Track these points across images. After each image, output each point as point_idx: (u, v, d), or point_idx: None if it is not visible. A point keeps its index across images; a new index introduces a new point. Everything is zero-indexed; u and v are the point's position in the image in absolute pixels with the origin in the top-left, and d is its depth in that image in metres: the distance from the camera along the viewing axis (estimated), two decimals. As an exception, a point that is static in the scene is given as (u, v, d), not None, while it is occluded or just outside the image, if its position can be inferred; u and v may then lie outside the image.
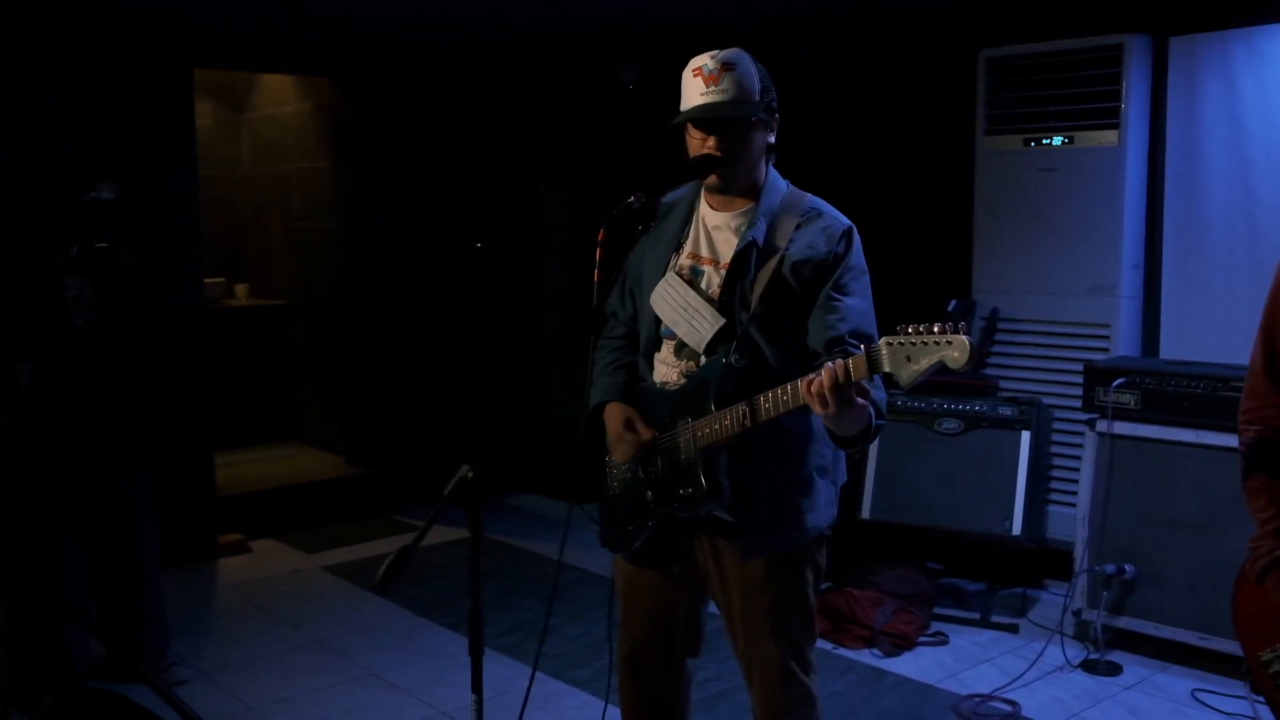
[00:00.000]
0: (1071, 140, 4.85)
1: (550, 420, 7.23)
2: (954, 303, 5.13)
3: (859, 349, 2.21)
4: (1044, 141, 4.93)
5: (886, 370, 2.10)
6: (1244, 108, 4.43)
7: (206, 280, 6.26)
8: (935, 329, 2.04)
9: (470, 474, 2.27)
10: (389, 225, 6.75)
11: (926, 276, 5.59)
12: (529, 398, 7.27)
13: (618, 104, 6.67)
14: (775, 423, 2.35)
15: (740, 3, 5.28)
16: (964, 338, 2.01)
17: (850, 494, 4.48)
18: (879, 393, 2.37)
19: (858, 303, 2.47)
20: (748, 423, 2.35)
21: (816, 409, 2.20)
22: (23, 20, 5.01)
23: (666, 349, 2.61)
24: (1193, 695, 4.05)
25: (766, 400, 2.32)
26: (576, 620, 4.90)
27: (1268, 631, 1.99)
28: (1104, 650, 4.34)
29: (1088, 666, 4.28)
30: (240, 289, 7.97)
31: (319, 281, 7.28)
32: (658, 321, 2.61)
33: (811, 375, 2.21)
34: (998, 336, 5.15)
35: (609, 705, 4.04)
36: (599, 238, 2.44)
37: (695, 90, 2.48)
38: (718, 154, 2.47)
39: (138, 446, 4.21)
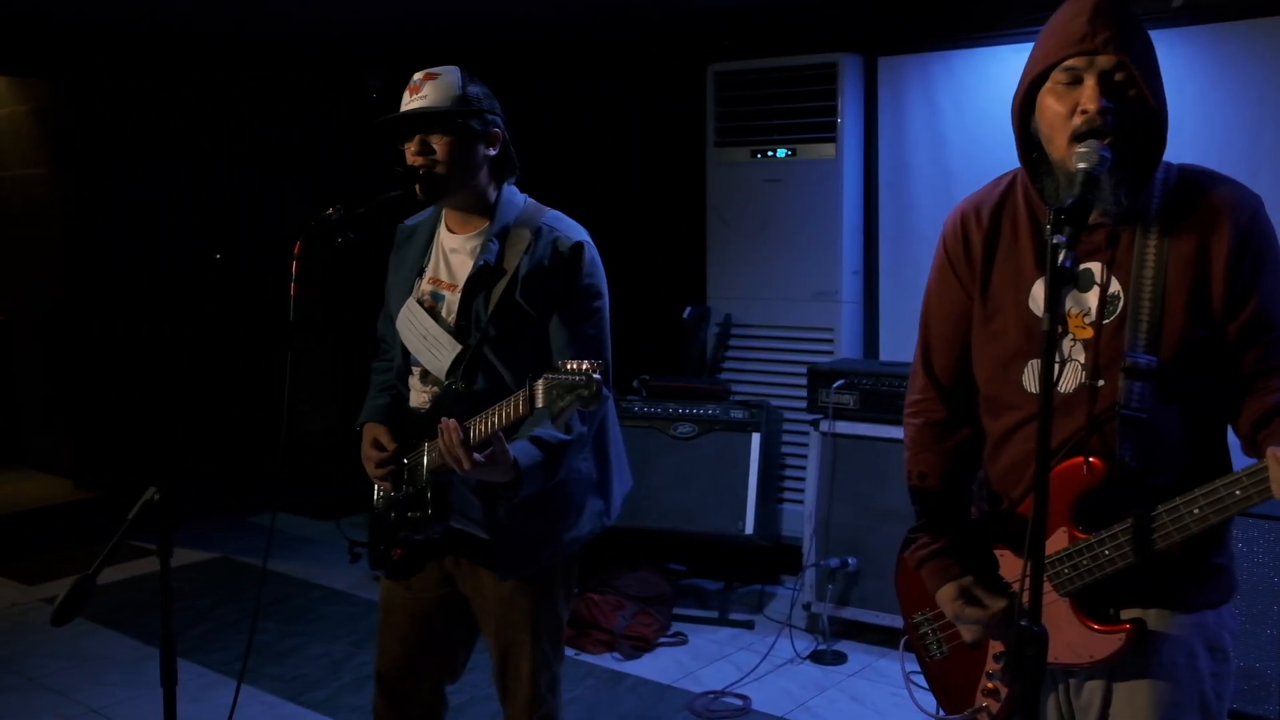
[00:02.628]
0: (794, 153, 5.07)
1: (298, 436, 7.03)
2: (689, 310, 5.28)
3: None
4: (769, 154, 5.13)
5: (540, 406, 2.12)
6: (944, 124, 4.73)
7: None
8: (584, 365, 2.08)
9: (157, 496, 2.16)
10: (117, 233, 6.42)
11: (665, 285, 5.73)
12: (276, 413, 7.04)
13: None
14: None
15: (462, 14, 5.28)
16: (596, 378, 2.06)
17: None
18: (561, 434, 2.39)
19: (587, 328, 2.50)
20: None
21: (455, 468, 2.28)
22: None
23: (416, 374, 2.61)
24: (910, 676, 4.29)
25: (480, 422, 2.31)
26: (318, 640, 4.78)
27: (920, 598, 2.18)
28: (831, 641, 4.54)
29: (816, 657, 4.48)
30: (-48, 304, 7.42)
31: (42, 294, 6.86)
32: (407, 349, 2.61)
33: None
34: (731, 342, 5.33)
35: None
36: (295, 250, 2.39)
37: (403, 103, 2.50)
38: (418, 159, 2.46)
39: None
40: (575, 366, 2.08)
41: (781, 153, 5.09)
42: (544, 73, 6.07)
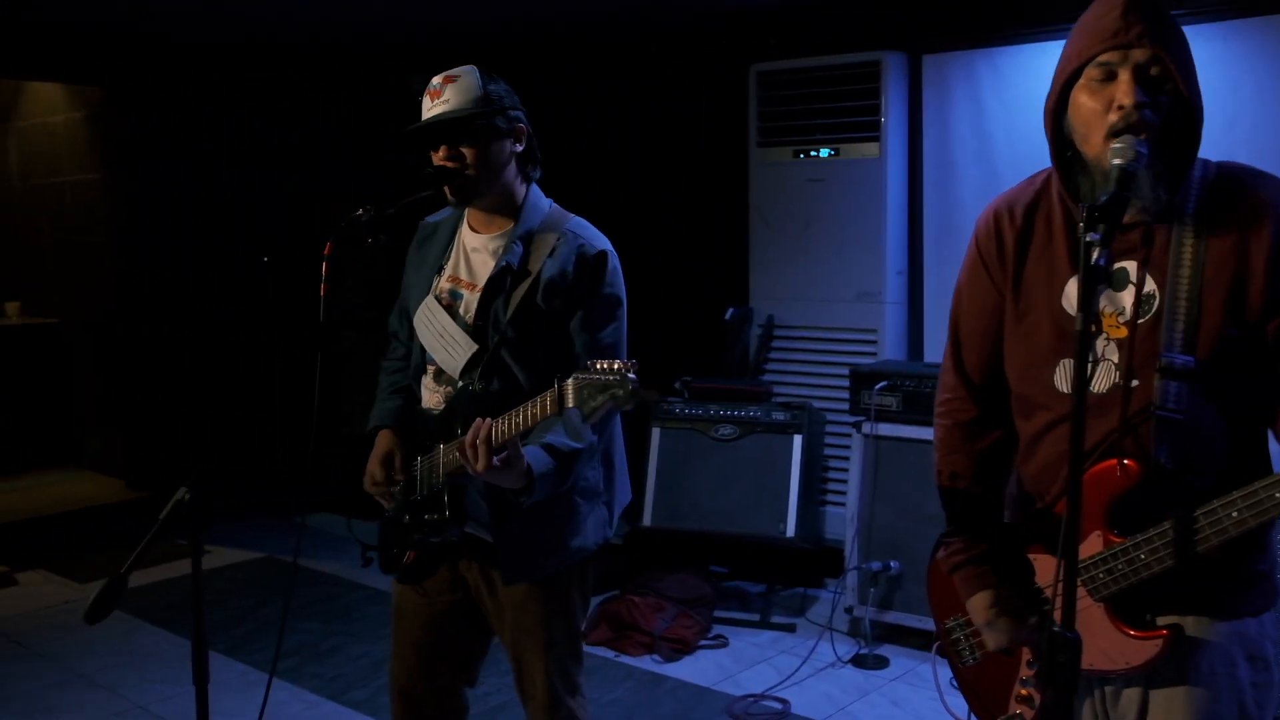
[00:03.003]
0: (838, 152, 5.02)
1: (344, 437, 7.08)
2: (731, 310, 5.25)
3: None
4: (812, 153, 5.09)
5: (571, 406, 2.08)
6: (990, 122, 4.67)
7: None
8: (617, 365, 2.04)
9: (188, 496, 2.18)
10: (168, 238, 6.52)
11: (707, 286, 5.71)
12: (324, 414, 7.10)
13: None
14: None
15: (507, 18, 5.29)
16: (631, 377, 2.01)
17: (631, 502, 4.55)
18: (572, 443, 2.37)
19: (605, 335, 2.48)
20: None
21: (469, 467, 2.24)
22: None
23: (430, 373, 2.60)
24: (950, 683, 4.23)
25: (504, 421, 2.27)
26: (359, 640, 4.81)
27: (953, 603, 2.13)
28: (873, 645, 4.50)
29: (857, 661, 4.43)
30: (11, 307, 7.55)
31: (95, 297, 6.97)
32: (423, 347, 2.59)
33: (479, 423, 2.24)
34: (774, 343, 5.29)
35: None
36: (325, 251, 2.39)
37: (425, 108, 2.49)
38: (448, 164, 2.45)
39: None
40: (607, 366, 2.05)
41: (824, 152, 5.05)
42: (585, 74, 6.07)
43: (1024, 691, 2.05)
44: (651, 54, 5.81)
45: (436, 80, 2.47)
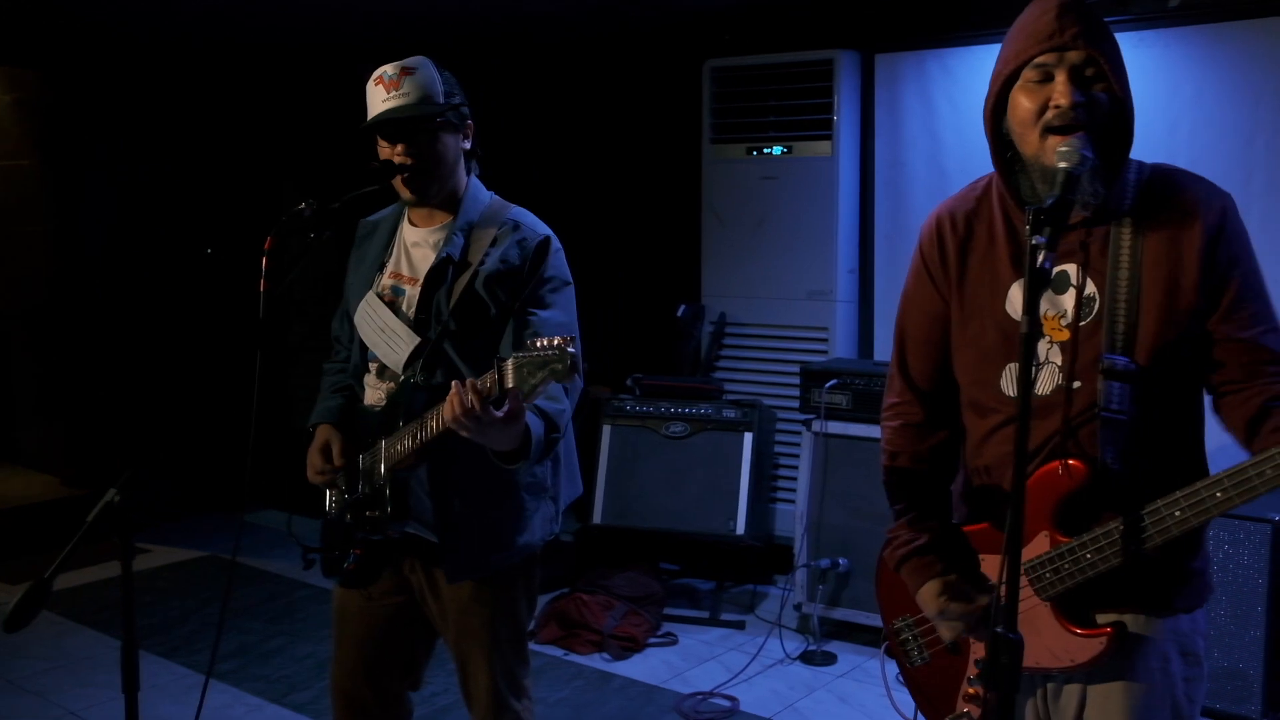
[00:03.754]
0: (790, 150, 5.02)
1: (293, 432, 6.98)
2: (683, 308, 5.23)
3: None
4: (765, 151, 5.08)
5: (510, 386, 2.04)
6: (940, 123, 4.68)
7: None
8: (555, 342, 2.02)
9: (117, 498, 2.11)
10: (111, 227, 6.39)
11: (659, 282, 5.69)
12: (270, 410, 6.99)
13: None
14: (469, 441, 2.22)
15: (457, 10, 5.23)
16: (570, 351, 2.00)
17: (581, 499, 4.51)
18: (554, 404, 2.34)
19: (554, 315, 2.45)
20: (418, 441, 2.31)
21: (460, 432, 2.17)
22: None
23: (372, 371, 2.57)
24: (897, 679, 4.24)
25: (433, 416, 2.25)
26: (304, 640, 4.74)
27: (901, 603, 2.13)
28: (821, 641, 4.50)
29: (805, 658, 4.43)
30: (-59, 299, 7.37)
31: (30, 288, 6.79)
32: (365, 344, 2.56)
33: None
34: (725, 340, 5.28)
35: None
36: (265, 246, 2.34)
37: (378, 98, 2.45)
38: (407, 160, 2.42)
39: None
40: (546, 343, 2.03)
41: (778, 150, 5.04)
42: (538, 69, 6.02)
43: (971, 690, 2.05)
44: (605, 49, 5.77)
45: (390, 70, 2.43)
